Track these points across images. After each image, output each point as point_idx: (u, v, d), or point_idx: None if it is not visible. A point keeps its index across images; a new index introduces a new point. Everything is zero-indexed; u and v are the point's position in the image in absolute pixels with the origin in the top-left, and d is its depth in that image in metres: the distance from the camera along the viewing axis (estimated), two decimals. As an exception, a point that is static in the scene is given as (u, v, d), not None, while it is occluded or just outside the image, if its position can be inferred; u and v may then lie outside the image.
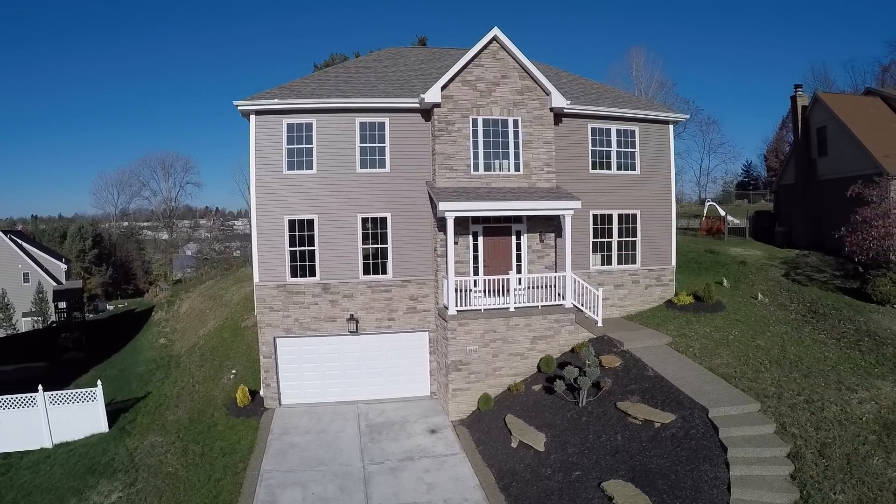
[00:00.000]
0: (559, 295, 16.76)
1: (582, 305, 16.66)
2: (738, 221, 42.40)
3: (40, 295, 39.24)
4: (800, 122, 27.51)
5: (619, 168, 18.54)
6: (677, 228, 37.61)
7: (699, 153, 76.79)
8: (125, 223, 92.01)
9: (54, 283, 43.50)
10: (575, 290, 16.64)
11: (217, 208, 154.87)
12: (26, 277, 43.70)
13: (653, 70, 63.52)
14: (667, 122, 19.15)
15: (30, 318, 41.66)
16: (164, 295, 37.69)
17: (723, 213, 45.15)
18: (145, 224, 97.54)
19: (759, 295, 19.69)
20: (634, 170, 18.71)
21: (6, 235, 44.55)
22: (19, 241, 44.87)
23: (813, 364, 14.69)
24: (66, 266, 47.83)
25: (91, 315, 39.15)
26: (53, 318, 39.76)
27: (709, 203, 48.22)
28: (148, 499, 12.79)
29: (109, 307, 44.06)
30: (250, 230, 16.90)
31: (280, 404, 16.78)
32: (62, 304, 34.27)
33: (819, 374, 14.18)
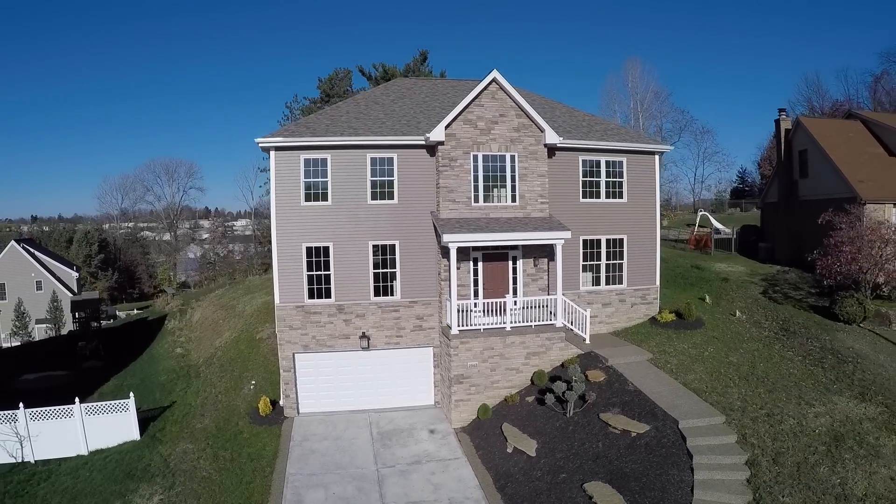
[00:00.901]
0: (552, 314, 18.72)
1: (571, 324, 18.62)
2: (729, 231, 44.26)
3: (55, 304, 41.18)
4: (783, 144, 29.49)
5: (607, 196, 20.48)
6: (669, 240, 39.65)
7: (694, 161, 79.55)
8: (127, 224, 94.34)
9: (66, 291, 45.47)
10: (565, 311, 18.61)
11: (216, 209, 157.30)
12: (39, 286, 45.64)
13: (648, 81, 66.18)
14: (653, 153, 21.12)
15: (43, 326, 43.60)
16: (175, 304, 39.63)
17: (715, 223, 47.11)
18: (146, 225, 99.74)
19: (738, 312, 21.62)
20: (622, 198, 20.65)
21: (19, 245, 46.46)
22: (31, 250, 46.79)
23: (778, 380, 16.60)
24: (77, 273, 49.83)
25: (105, 322, 41.07)
26: (70, 326, 41.84)
27: (701, 213, 50.27)
28: (188, 500, 14.68)
29: (122, 314, 45.93)
30: (272, 256, 18.83)
31: (298, 413, 18.75)
32: (80, 314, 36.28)
33: (782, 389, 16.10)
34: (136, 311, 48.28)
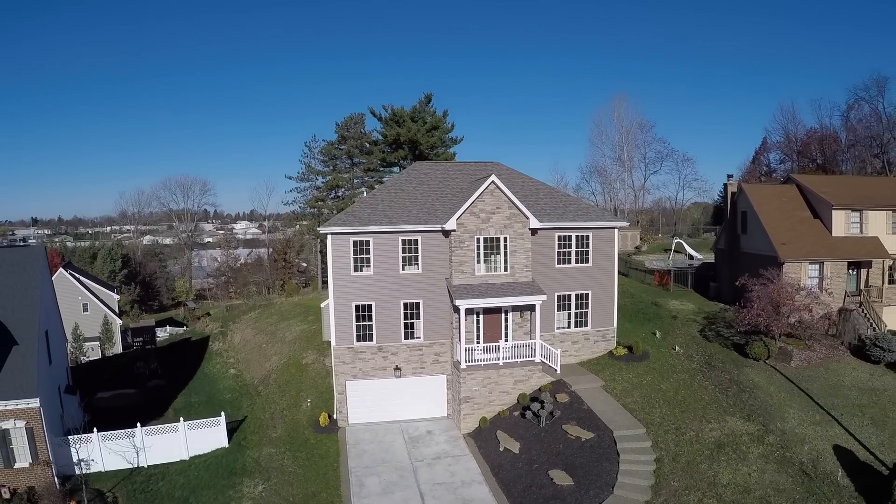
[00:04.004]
0: (532, 352, 26.73)
1: (547, 359, 26.65)
2: (701, 257, 52.42)
3: (106, 326, 49.00)
4: (729, 204, 37.54)
5: (577, 262, 28.47)
6: (641, 270, 47.57)
7: (675, 187, 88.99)
8: (129, 226, 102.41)
9: (111, 313, 53.36)
10: (542, 349, 26.65)
11: (215, 210, 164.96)
12: (85, 308, 53.44)
13: (633, 115, 75.79)
14: (612, 228, 29.09)
15: (89, 344, 51.39)
16: (215, 325, 47.52)
17: (689, 249, 55.34)
18: (147, 228, 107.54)
19: (677, 347, 29.62)
20: (588, 262, 28.63)
21: (66, 271, 54.26)
22: (77, 276, 54.61)
23: (691, 403, 24.53)
24: (118, 296, 57.71)
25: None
26: (119, 346, 49.88)
27: (676, 240, 58.52)
28: (284, 488, 22.48)
29: (163, 334, 53.67)
30: (329, 313, 26.72)
31: (349, 424, 26.76)
32: (137, 339, 44.34)
33: (692, 410, 24.02)
34: (169, 330, 56.11)
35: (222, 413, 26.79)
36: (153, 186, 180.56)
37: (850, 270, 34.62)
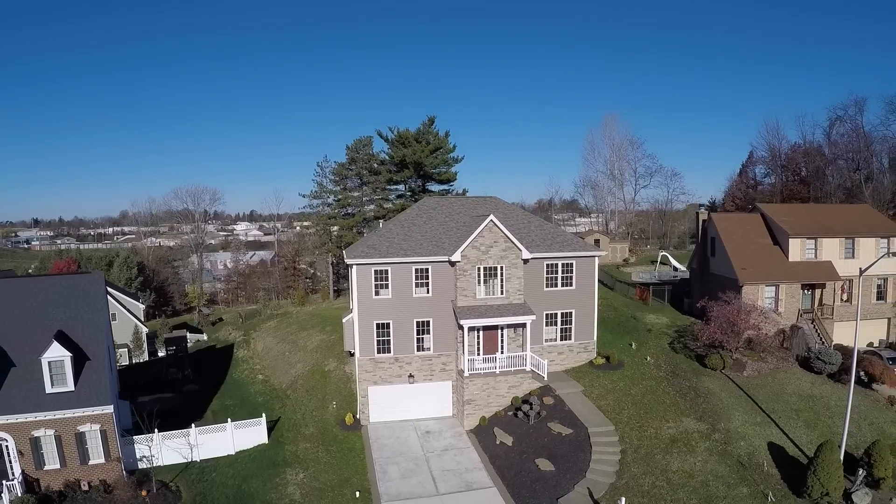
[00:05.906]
0: (524, 362, 32.72)
1: (536, 368, 32.63)
2: (685, 269, 58.35)
3: (136, 335, 54.79)
4: (700, 230, 43.49)
5: (562, 285, 34.44)
6: (627, 283, 53.52)
7: (663, 199, 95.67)
8: (130, 228, 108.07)
9: (138, 322, 59.16)
10: (532, 359, 32.65)
11: (214, 212, 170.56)
12: (114, 317, 59.13)
13: (624, 133, 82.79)
14: (594, 257, 35.06)
15: (119, 351, 57.14)
16: (237, 333, 53.38)
17: (674, 262, 61.30)
18: (150, 229, 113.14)
19: (649, 357, 35.60)
20: (572, 286, 34.60)
21: (96, 280, 60.04)
22: (106, 287, 60.40)
23: (654, 406, 30.47)
24: (143, 305, 63.53)
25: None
26: (146, 354, 55.79)
27: (662, 253, 64.53)
28: (321, 475, 28.31)
29: (189, 342, 59.38)
30: (353, 328, 32.69)
31: (370, 422, 32.73)
32: (171, 348, 50.32)
33: (654, 412, 29.94)
34: (190, 337, 61.90)
35: (263, 414, 32.50)
36: (164, 195, 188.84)
37: (806, 290, 40.62)
